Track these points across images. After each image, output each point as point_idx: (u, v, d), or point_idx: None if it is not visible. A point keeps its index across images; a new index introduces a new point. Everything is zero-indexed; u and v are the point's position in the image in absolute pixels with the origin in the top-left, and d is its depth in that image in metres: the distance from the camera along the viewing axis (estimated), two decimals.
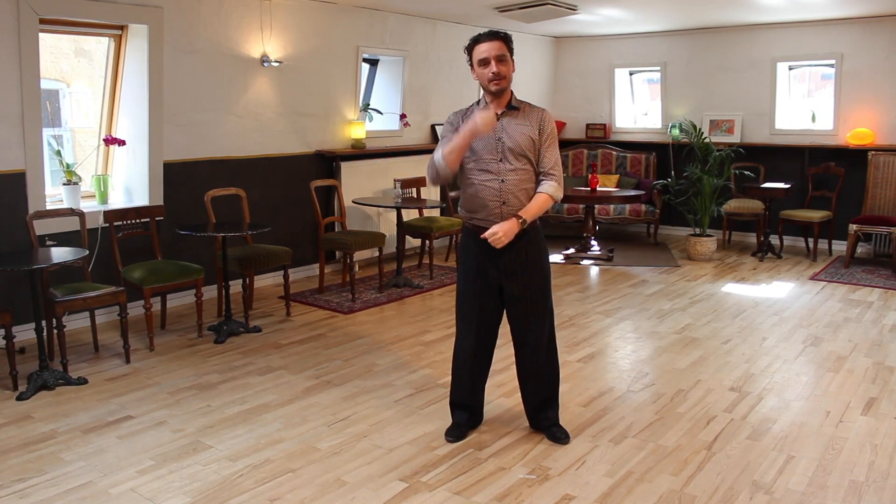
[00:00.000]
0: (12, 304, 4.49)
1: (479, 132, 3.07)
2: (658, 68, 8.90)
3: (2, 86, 4.61)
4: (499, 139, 3.18)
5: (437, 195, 7.52)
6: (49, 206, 4.95)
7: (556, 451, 3.33)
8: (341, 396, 3.98)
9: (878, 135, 7.55)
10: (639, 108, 9.55)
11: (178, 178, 5.64)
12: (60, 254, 4.26)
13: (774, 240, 7.92)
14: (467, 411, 3.51)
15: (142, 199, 5.48)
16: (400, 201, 6.29)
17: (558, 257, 7.51)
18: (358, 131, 6.92)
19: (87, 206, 5.23)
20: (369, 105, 7.29)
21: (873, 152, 7.32)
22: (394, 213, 6.74)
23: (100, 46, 5.43)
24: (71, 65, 5.67)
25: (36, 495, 2.96)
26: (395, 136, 7.51)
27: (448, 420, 3.56)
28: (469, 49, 3.20)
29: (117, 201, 5.55)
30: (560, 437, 3.41)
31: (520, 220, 3.14)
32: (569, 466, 3.19)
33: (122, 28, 5.28)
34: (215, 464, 3.22)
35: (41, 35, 4.76)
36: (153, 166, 5.44)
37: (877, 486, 3.04)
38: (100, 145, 5.46)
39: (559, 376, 3.50)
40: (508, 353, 3.65)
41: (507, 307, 3.35)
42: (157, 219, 5.23)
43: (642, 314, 5.57)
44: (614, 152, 8.94)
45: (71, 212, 4.85)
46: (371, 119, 7.21)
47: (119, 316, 4.51)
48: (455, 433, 3.46)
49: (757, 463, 3.23)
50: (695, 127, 7.61)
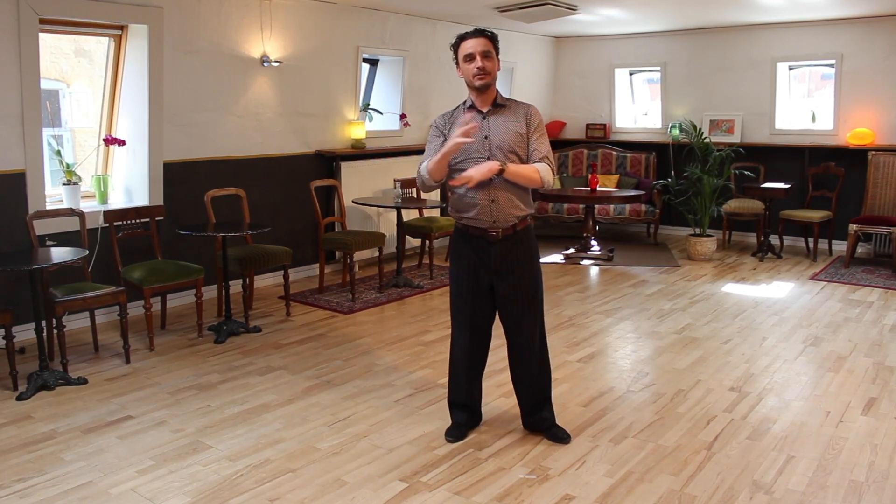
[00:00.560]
0: (12, 304, 4.48)
1: (461, 144, 3.06)
2: (658, 68, 8.90)
3: (2, 86, 4.61)
4: (486, 137, 3.19)
5: (437, 195, 7.52)
6: (49, 206, 4.95)
7: (556, 451, 3.33)
8: (341, 396, 3.98)
9: (878, 135, 7.56)
10: (639, 108, 9.55)
11: (178, 178, 5.64)
12: (60, 254, 4.26)
13: (774, 240, 7.92)
14: (466, 411, 3.51)
15: (142, 199, 5.48)
16: (400, 201, 6.29)
17: (558, 257, 7.52)
18: (358, 131, 6.92)
19: (87, 206, 5.23)
20: (369, 105, 7.29)
21: (873, 152, 7.32)
22: (394, 213, 6.74)
23: (100, 46, 5.43)
24: (71, 65, 5.67)
25: (36, 495, 2.96)
26: (395, 136, 7.51)
27: (448, 420, 3.56)
28: (455, 46, 3.21)
29: (117, 201, 5.55)
30: (561, 436, 3.41)
31: (502, 165, 3.09)
32: (569, 466, 3.19)
33: (122, 28, 5.28)
34: (215, 464, 3.22)
35: (41, 35, 4.76)
36: (153, 166, 5.44)
37: (877, 486, 3.04)
38: (100, 145, 5.46)
39: (551, 377, 3.49)
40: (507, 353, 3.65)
41: (498, 307, 3.35)
42: (157, 219, 5.23)
43: (642, 314, 5.57)
44: (614, 152, 8.94)
45: (71, 212, 4.85)
46: (371, 119, 7.21)
47: (119, 316, 4.51)
48: (455, 433, 3.46)
49: (757, 463, 3.23)
50: (695, 127, 7.61)
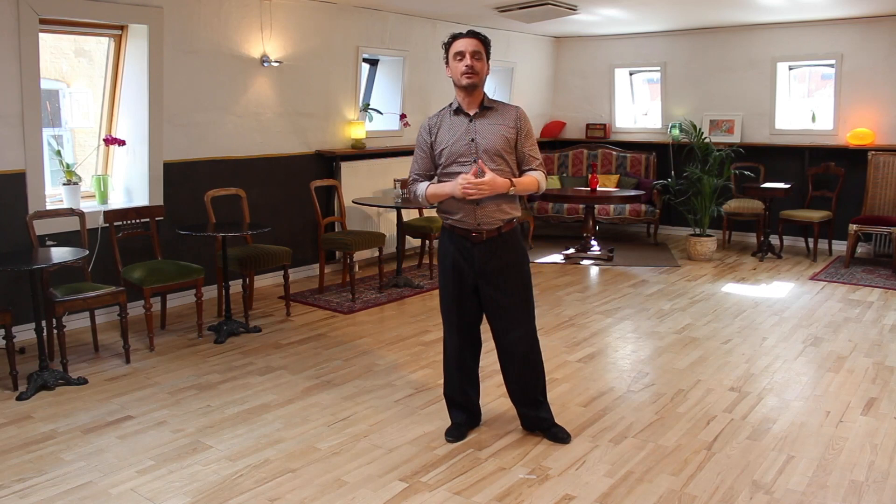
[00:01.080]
0: (12, 304, 4.48)
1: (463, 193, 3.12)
2: (658, 68, 8.90)
3: (2, 86, 4.61)
4: (472, 140, 3.19)
5: None
6: (49, 206, 4.95)
7: (556, 451, 3.33)
8: (341, 396, 3.98)
9: (878, 135, 7.55)
10: (639, 108, 9.55)
11: (178, 178, 5.64)
12: (60, 254, 4.26)
13: (774, 240, 7.92)
14: (464, 411, 3.51)
15: (142, 199, 5.48)
16: (400, 201, 6.28)
17: (558, 257, 7.52)
18: (358, 131, 6.92)
19: (87, 206, 5.23)
20: (369, 105, 7.29)
21: (873, 152, 7.32)
22: (394, 213, 6.74)
23: (100, 46, 5.43)
24: (71, 65, 5.67)
25: (36, 495, 2.96)
26: (395, 136, 7.51)
27: (448, 420, 3.56)
28: (447, 45, 3.21)
29: (117, 201, 5.55)
30: (561, 436, 3.40)
31: (511, 184, 3.15)
32: (569, 466, 3.19)
33: (122, 28, 5.28)
34: (215, 464, 3.22)
35: (41, 35, 4.76)
36: (153, 166, 5.44)
37: (877, 486, 3.04)
38: (100, 145, 5.46)
39: (545, 378, 3.45)
40: None
41: (484, 309, 3.35)
42: (157, 219, 5.23)
43: (642, 314, 5.57)
44: (614, 152, 8.94)
45: (71, 212, 4.85)
46: (371, 119, 7.21)
47: (119, 316, 4.51)
48: (455, 433, 3.46)
49: (757, 463, 3.23)
50: (695, 127, 7.61)
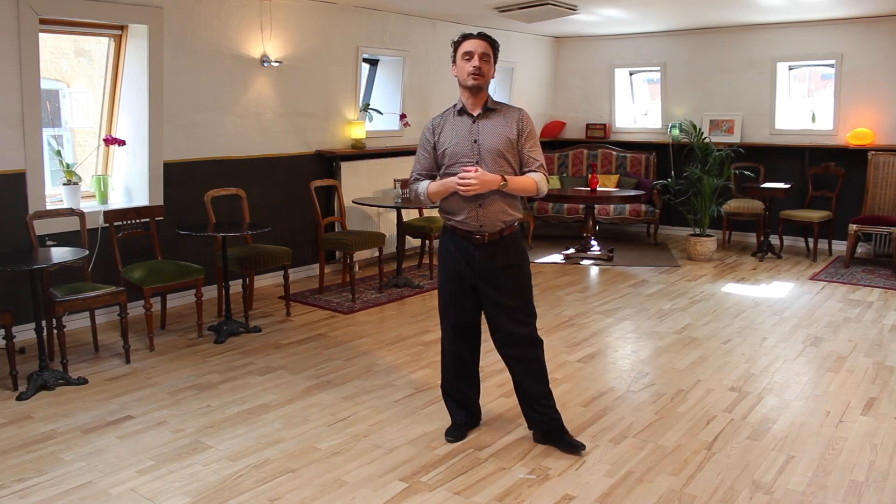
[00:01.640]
0: (12, 304, 4.48)
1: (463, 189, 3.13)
2: (658, 68, 8.90)
3: (2, 86, 4.61)
4: (475, 141, 3.19)
5: None
6: (49, 206, 4.95)
7: (556, 450, 3.33)
8: (341, 396, 3.98)
9: (878, 135, 7.55)
10: (639, 108, 9.55)
11: (178, 178, 5.64)
12: (60, 254, 4.26)
13: (774, 240, 7.92)
14: (463, 410, 3.51)
15: (142, 199, 5.48)
16: (400, 201, 6.28)
17: (558, 257, 7.52)
18: (358, 131, 6.92)
19: (87, 206, 5.23)
20: (369, 105, 7.29)
21: (873, 152, 7.32)
22: (394, 213, 6.74)
23: (100, 46, 5.43)
24: (71, 65, 5.67)
25: (36, 495, 2.96)
26: (395, 136, 7.51)
27: (448, 420, 3.56)
28: (456, 44, 3.22)
29: (117, 201, 5.55)
30: (576, 445, 3.32)
31: (502, 181, 3.12)
32: (569, 466, 3.19)
33: (122, 28, 5.28)
34: (215, 464, 3.22)
35: (41, 35, 4.76)
36: (153, 166, 5.44)
37: (877, 486, 3.04)
38: (100, 145, 5.46)
39: (547, 377, 3.39)
40: None
41: (484, 310, 3.33)
42: (157, 219, 5.23)
43: (642, 314, 5.57)
44: (614, 152, 8.94)
45: (71, 212, 4.85)
46: (371, 119, 7.21)
47: (119, 316, 4.51)
48: (455, 433, 3.45)
49: (757, 463, 3.23)
50: (695, 127, 7.61)
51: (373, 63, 7.57)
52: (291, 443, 3.42)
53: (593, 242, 7.57)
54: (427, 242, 6.84)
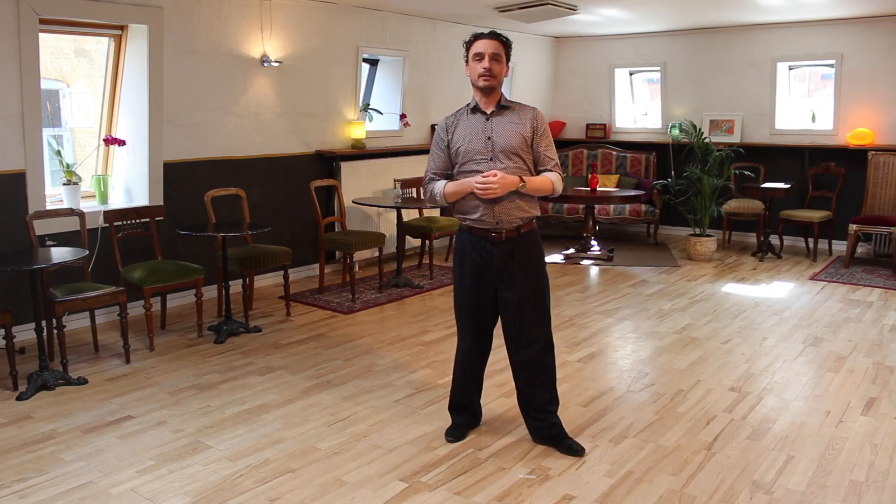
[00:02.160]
0: (12, 304, 4.48)
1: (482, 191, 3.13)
2: (658, 68, 8.90)
3: (2, 86, 4.61)
4: (489, 138, 3.19)
5: None
6: (49, 206, 4.95)
7: (556, 451, 3.33)
8: (341, 396, 3.98)
9: (878, 135, 7.55)
10: (639, 108, 9.55)
11: (178, 178, 5.64)
12: (60, 254, 4.26)
13: (774, 240, 7.92)
14: (466, 412, 3.51)
15: (142, 199, 5.48)
16: (400, 201, 6.28)
17: (558, 257, 7.52)
18: (358, 131, 6.92)
19: (87, 206, 5.23)
20: (369, 105, 7.29)
21: (873, 152, 7.32)
22: (394, 213, 6.74)
23: (100, 46, 5.43)
24: (71, 65, 5.67)
25: (36, 495, 2.96)
26: (395, 136, 7.51)
27: (448, 420, 3.56)
28: (468, 43, 3.22)
29: (117, 201, 5.55)
30: (576, 448, 3.31)
31: (521, 182, 3.13)
32: (569, 466, 3.19)
33: (122, 28, 5.28)
34: (215, 464, 3.22)
35: (41, 35, 4.76)
36: (153, 166, 5.44)
37: (877, 486, 3.04)
38: (100, 145, 5.46)
39: (556, 389, 3.39)
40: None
41: (500, 312, 3.31)
42: (157, 219, 5.23)
43: (642, 314, 5.57)
44: (614, 152, 8.94)
45: (71, 212, 4.85)
46: (371, 119, 7.21)
47: (119, 316, 4.51)
48: (455, 433, 3.45)
49: (757, 463, 3.23)
50: (695, 127, 7.61)
51: (373, 63, 7.57)
52: (291, 443, 3.42)
53: (593, 242, 7.57)
54: (427, 242, 6.84)
